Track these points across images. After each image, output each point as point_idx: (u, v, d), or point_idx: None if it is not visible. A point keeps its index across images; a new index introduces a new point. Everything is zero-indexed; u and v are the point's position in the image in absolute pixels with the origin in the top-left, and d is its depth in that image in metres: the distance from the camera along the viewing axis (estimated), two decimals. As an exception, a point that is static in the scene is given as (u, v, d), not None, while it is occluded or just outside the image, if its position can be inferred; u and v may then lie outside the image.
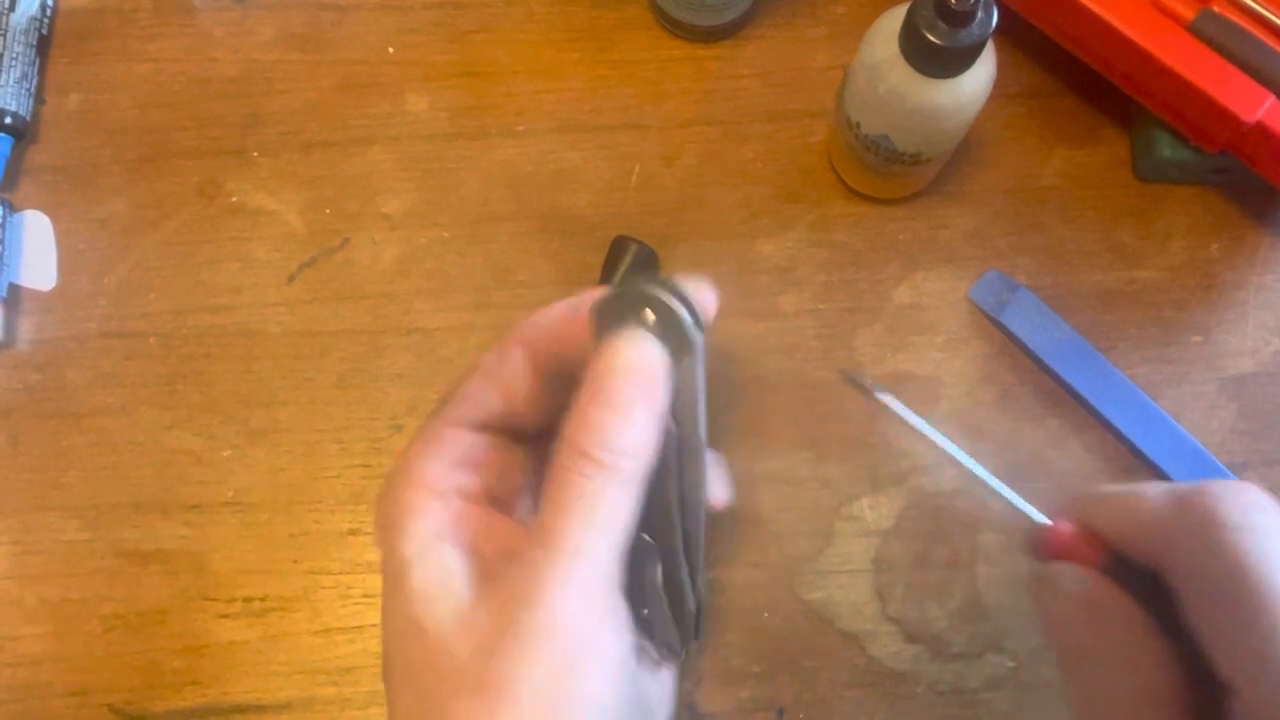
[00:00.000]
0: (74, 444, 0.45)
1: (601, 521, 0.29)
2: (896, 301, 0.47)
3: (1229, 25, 0.42)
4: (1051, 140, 0.48)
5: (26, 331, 0.46)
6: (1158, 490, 0.29)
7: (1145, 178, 0.48)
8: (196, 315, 0.46)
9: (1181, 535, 0.27)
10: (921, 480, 0.45)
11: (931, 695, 0.43)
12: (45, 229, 0.47)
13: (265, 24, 0.50)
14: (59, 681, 0.43)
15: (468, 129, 0.49)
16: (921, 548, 0.44)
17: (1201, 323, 0.46)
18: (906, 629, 0.43)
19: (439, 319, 0.46)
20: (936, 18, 0.36)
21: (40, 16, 0.49)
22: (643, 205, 0.48)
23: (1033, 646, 0.43)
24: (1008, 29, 0.43)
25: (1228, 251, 0.47)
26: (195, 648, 0.43)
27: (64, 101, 0.49)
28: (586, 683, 0.28)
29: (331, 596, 0.44)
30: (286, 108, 0.49)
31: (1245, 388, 0.46)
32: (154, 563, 0.44)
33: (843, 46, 0.49)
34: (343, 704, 0.43)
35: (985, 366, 0.46)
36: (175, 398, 0.45)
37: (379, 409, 0.45)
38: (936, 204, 0.48)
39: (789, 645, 0.43)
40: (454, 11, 0.50)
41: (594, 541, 0.29)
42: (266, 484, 0.45)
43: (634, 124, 0.49)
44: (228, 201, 0.48)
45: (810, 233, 0.47)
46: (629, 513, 0.29)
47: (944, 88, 0.39)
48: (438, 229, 0.47)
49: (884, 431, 0.45)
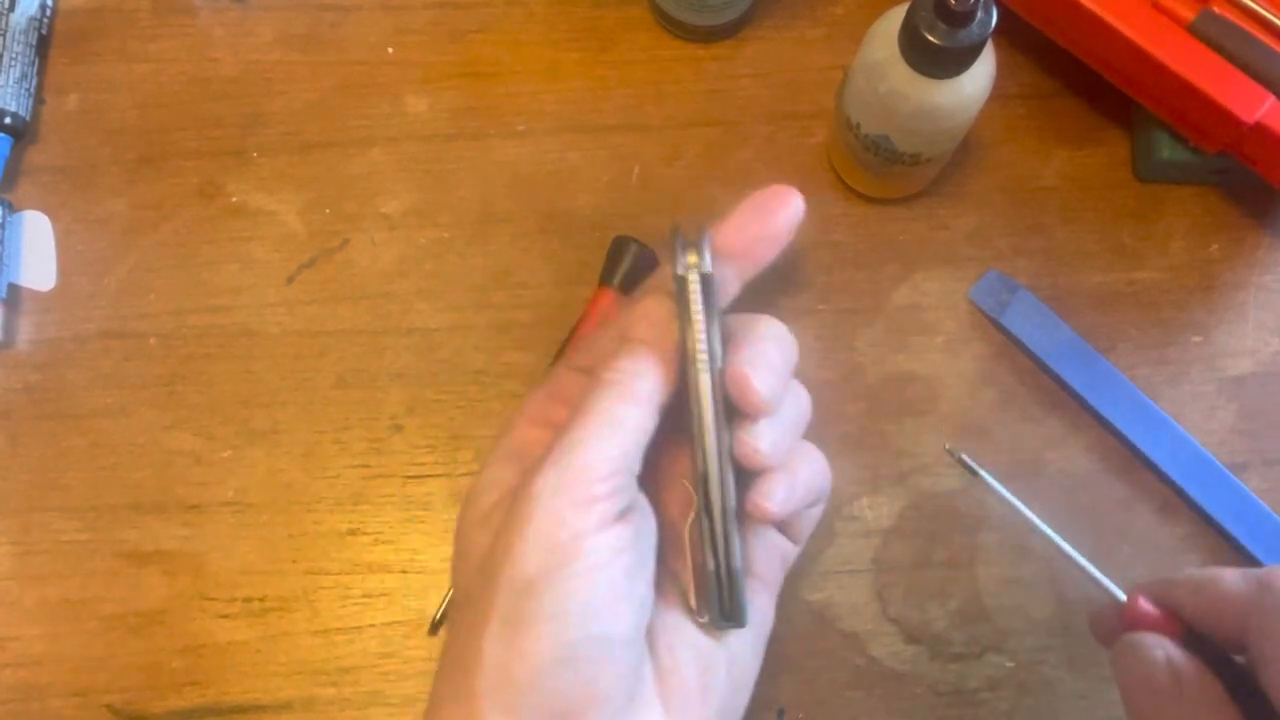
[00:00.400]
0: (73, 444, 0.45)
1: (604, 429, 0.31)
2: (896, 302, 0.47)
3: (1229, 26, 0.42)
4: (1051, 141, 0.48)
5: (26, 332, 0.46)
6: (1235, 574, 0.32)
7: (1145, 178, 0.48)
8: (196, 316, 0.46)
9: (1262, 612, 0.30)
10: (921, 480, 0.45)
11: (931, 696, 0.43)
12: (45, 229, 0.47)
13: (265, 24, 0.50)
14: (59, 681, 0.43)
15: (467, 129, 0.49)
16: (921, 548, 0.44)
17: (1201, 323, 0.46)
18: (906, 629, 0.43)
19: (439, 319, 0.46)
20: (936, 18, 0.36)
21: (40, 16, 0.49)
22: (643, 205, 0.48)
23: (1032, 647, 0.43)
24: (1007, 29, 0.43)
25: (1227, 252, 0.47)
26: (195, 648, 0.43)
27: (64, 102, 0.49)
28: (572, 576, 0.30)
29: (331, 597, 0.44)
30: (286, 108, 0.49)
31: (1245, 388, 0.46)
32: (153, 563, 0.44)
33: (842, 47, 0.49)
34: (342, 704, 0.43)
35: (985, 367, 0.46)
36: (175, 398, 0.45)
37: (378, 409, 0.45)
38: (936, 204, 0.48)
39: (789, 645, 0.43)
40: (454, 12, 0.50)
41: (592, 446, 0.31)
42: (266, 484, 0.45)
43: (634, 124, 0.49)
44: (227, 202, 0.48)
45: (810, 233, 0.47)
46: (634, 427, 0.32)
47: (944, 88, 0.39)
48: (437, 229, 0.47)
49: (885, 431, 0.45)
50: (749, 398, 0.32)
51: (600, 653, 0.30)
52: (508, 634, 0.30)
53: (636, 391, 0.32)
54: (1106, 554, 0.43)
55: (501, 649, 0.29)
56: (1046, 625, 0.43)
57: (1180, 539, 0.44)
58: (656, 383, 0.33)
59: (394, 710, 0.43)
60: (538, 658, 0.29)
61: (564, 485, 0.30)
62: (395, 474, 0.45)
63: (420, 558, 0.44)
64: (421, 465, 0.45)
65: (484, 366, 0.46)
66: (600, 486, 0.31)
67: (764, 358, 0.33)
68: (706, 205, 0.47)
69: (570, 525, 0.30)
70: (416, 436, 0.45)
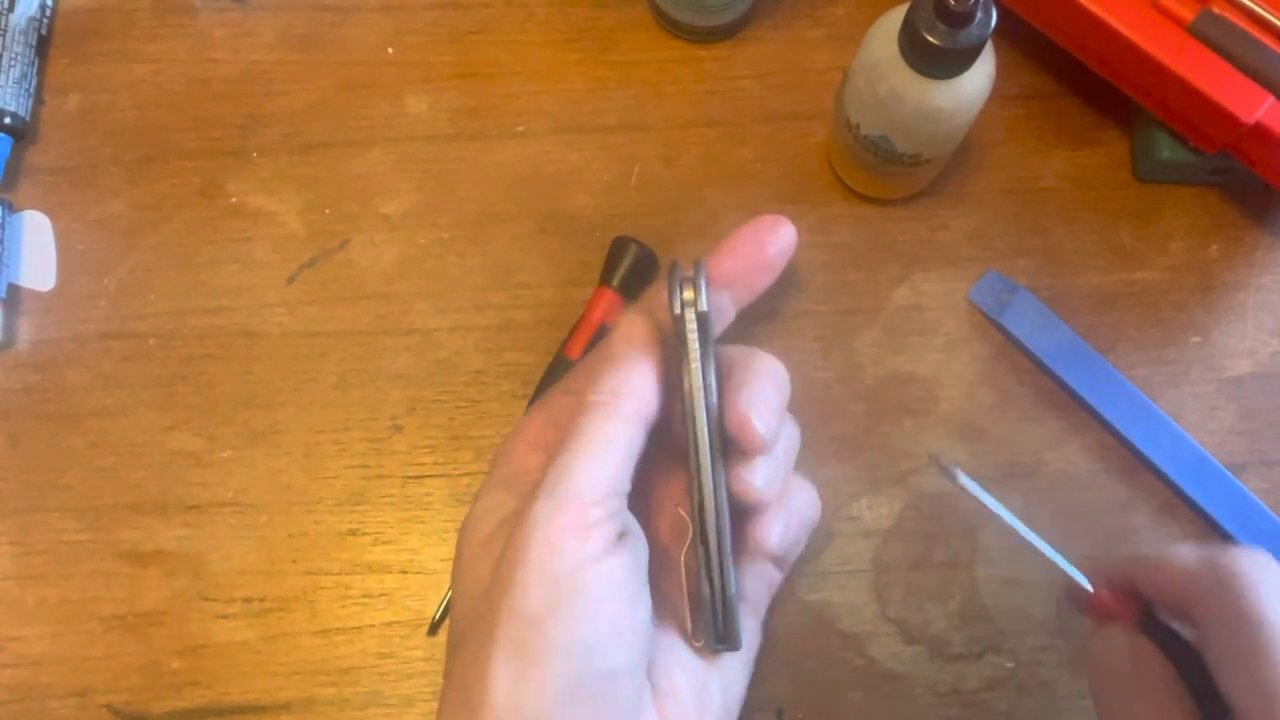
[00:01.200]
0: (73, 445, 0.45)
1: (594, 452, 0.32)
2: (896, 302, 0.47)
3: (1228, 26, 0.42)
4: (1051, 141, 0.48)
5: (26, 332, 0.46)
6: (1188, 553, 0.34)
7: (1145, 178, 0.48)
8: (196, 316, 0.46)
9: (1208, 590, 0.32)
10: (921, 481, 0.45)
11: (931, 696, 0.43)
12: (45, 229, 0.47)
13: (265, 25, 0.50)
14: (59, 682, 0.43)
15: (467, 130, 0.49)
16: (921, 548, 0.44)
17: (1201, 324, 0.46)
18: (906, 630, 0.43)
19: (438, 320, 0.46)
20: (936, 18, 0.36)
21: (39, 17, 0.49)
22: (643, 206, 0.48)
23: (1032, 647, 0.43)
24: (1007, 30, 0.43)
25: (1227, 252, 0.47)
26: (194, 648, 0.43)
27: (64, 102, 0.49)
28: (577, 612, 0.30)
29: (330, 597, 0.44)
30: (286, 109, 0.49)
31: (1244, 388, 0.46)
32: (153, 563, 0.44)
33: (842, 48, 0.49)
34: (342, 704, 0.43)
35: (985, 368, 0.46)
36: (175, 399, 0.45)
37: (378, 410, 0.45)
38: (936, 205, 0.48)
39: (789, 645, 0.43)
40: (453, 12, 0.50)
41: (584, 469, 0.31)
42: (266, 485, 0.45)
43: (634, 124, 0.49)
44: (227, 202, 0.48)
45: (810, 234, 0.47)
46: (623, 448, 0.32)
47: (943, 88, 0.39)
48: (437, 230, 0.47)
49: (884, 431, 0.45)
50: (751, 440, 0.33)
51: (608, 685, 0.30)
52: (514, 670, 0.30)
53: (622, 411, 0.33)
54: (1106, 554, 0.44)
55: (509, 685, 0.30)
56: (1046, 625, 0.43)
57: (1180, 539, 0.44)
58: (642, 401, 0.33)
59: (393, 710, 0.43)
60: (546, 694, 0.29)
61: (558, 511, 0.31)
62: (395, 474, 0.45)
63: (420, 558, 0.44)
64: (421, 465, 0.45)
65: (484, 366, 0.46)
66: (595, 511, 0.31)
67: (764, 398, 0.34)
68: (706, 205, 0.47)
69: (570, 555, 0.30)
70: (416, 437, 0.45)
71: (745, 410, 0.33)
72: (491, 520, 0.34)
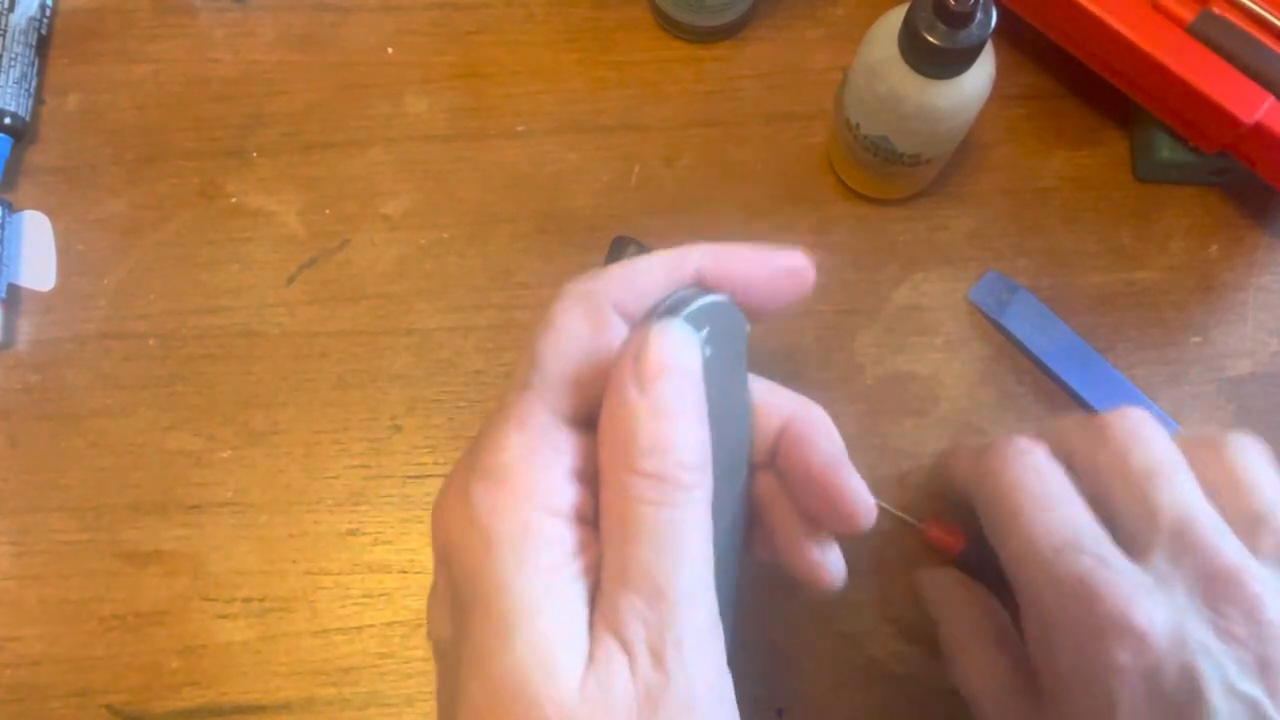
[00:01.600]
0: (73, 445, 0.45)
1: (696, 553, 0.26)
2: (896, 303, 0.47)
3: (1228, 26, 0.42)
4: (1051, 141, 0.48)
5: (26, 332, 0.46)
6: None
7: (1145, 178, 0.48)
8: (196, 316, 0.46)
9: (978, 481, 0.36)
10: (921, 481, 0.44)
11: (931, 696, 0.43)
12: (45, 229, 0.47)
13: (265, 25, 0.50)
14: (58, 682, 0.43)
15: (467, 130, 0.49)
16: (921, 548, 0.44)
17: (1201, 324, 0.46)
18: (906, 629, 0.43)
19: (438, 320, 0.46)
20: (936, 18, 0.36)
21: (39, 17, 0.49)
22: (642, 206, 0.48)
23: (1032, 647, 0.43)
24: (1007, 30, 0.43)
25: (1227, 252, 0.47)
26: (194, 648, 0.43)
27: (63, 102, 0.49)
28: None
29: (330, 597, 0.44)
30: (286, 109, 0.49)
31: (1244, 389, 0.46)
32: (153, 563, 0.44)
33: (842, 48, 0.49)
34: (342, 704, 0.43)
35: (985, 367, 0.46)
36: (174, 399, 0.45)
37: (378, 410, 0.45)
38: (936, 205, 0.48)
39: (789, 645, 0.43)
40: (453, 12, 0.50)
41: (698, 581, 0.26)
42: (266, 485, 0.45)
43: (634, 124, 0.49)
44: (227, 202, 0.48)
45: (809, 234, 0.47)
46: (709, 530, 0.26)
47: (943, 89, 0.39)
48: (437, 230, 0.47)
49: (884, 431, 0.45)
50: (859, 527, 0.30)
51: None
52: None
53: (706, 486, 0.26)
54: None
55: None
56: (1046, 625, 0.43)
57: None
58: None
59: (393, 710, 0.43)
60: None
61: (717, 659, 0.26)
62: (395, 474, 0.45)
63: (420, 558, 0.44)
64: (421, 465, 0.45)
65: (484, 366, 0.46)
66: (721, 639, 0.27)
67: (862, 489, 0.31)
68: (706, 205, 0.47)
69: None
70: (416, 436, 0.45)
71: (857, 487, 0.30)
72: (567, 616, 0.26)
